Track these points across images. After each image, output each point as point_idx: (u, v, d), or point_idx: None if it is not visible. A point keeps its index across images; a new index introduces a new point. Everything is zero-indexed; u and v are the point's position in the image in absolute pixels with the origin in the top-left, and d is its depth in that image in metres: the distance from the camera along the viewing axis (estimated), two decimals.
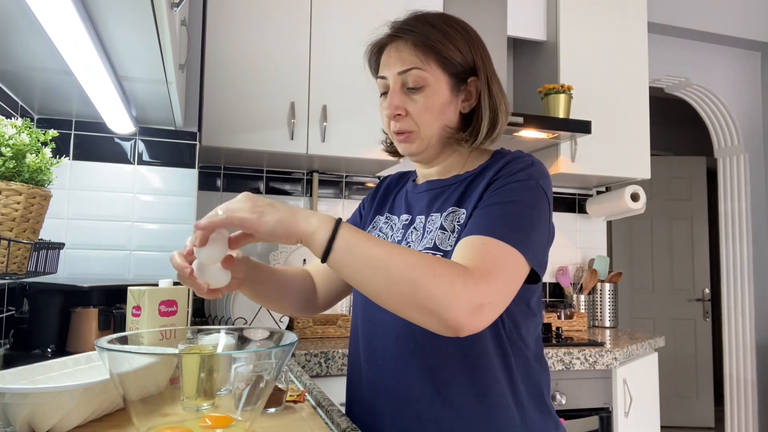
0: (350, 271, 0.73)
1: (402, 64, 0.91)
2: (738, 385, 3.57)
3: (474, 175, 0.93)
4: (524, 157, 0.91)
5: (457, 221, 0.89)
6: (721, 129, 3.73)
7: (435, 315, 0.71)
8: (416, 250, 0.77)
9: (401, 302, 0.72)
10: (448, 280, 0.71)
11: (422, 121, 0.91)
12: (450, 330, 0.72)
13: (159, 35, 1.02)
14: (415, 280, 0.71)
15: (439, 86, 0.91)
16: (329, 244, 0.72)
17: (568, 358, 1.98)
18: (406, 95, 0.91)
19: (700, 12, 3.37)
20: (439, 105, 0.91)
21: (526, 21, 2.64)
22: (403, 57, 0.91)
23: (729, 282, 3.68)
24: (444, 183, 0.97)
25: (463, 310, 0.71)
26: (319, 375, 1.76)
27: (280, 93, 2.10)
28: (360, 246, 0.73)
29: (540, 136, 2.39)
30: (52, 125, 1.70)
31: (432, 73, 0.90)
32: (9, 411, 0.71)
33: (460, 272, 0.73)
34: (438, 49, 0.90)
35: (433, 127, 0.92)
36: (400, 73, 0.91)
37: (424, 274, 0.71)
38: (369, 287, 0.73)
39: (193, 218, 1.88)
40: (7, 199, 1.01)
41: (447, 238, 0.88)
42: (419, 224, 0.95)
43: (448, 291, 0.70)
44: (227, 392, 0.74)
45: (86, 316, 1.38)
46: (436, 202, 0.95)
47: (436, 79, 0.90)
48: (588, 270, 2.80)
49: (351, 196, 2.56)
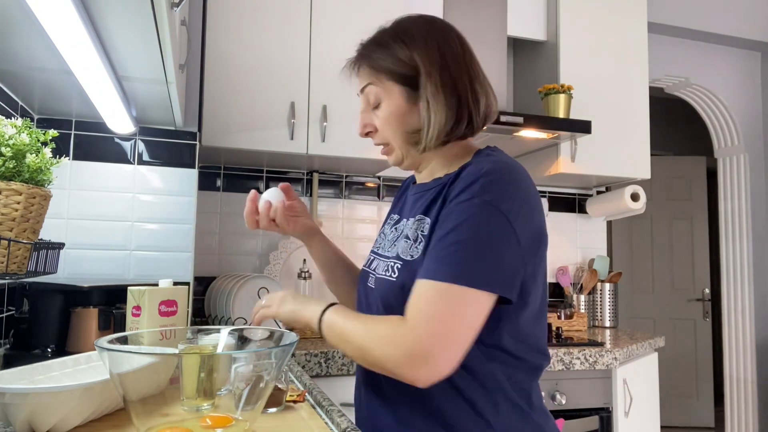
0: (333, 343, 0.88)
1: (360, 82, 0.99)
2: (738, 385, 3.57)
3: (452, 178, 0.89)
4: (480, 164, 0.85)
5: (421, 230, 0.89)
6: (721, 129, 3.73)
7: (387, 371, 0.80)
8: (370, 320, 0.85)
9: (370, 366, 0.83)
10: (382, 343, 0.79)
11: (385, 133, 0.96)
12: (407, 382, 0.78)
13: (159, 35, 1.02)
14: (365, 350, 0.81)
15: (392, 98, 0.93)
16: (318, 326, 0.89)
17: (568, 358, 1.98)
18: (372, 112, 0.97)
19: (700, 12, 3.37)
20: (396, 116, 0.94)
21: (526, 21, 2.64)
22: (361, 76, 0.98)
23: (729, 282, 3.68)
24: (425, 187, 0.97)
25: (403, 366, 0.77)
26: (319, 375, 1.76)
27: (280, 93, 2.10)
28: (335, 327, 0.87)
29: (540, 136, 2.39)
30: (52, 125, 1.70)
31: (384, 86, 0.94)
32: (9, 411, 0.71)
33: (393, 330, 0.79)
34: (382, 66, 0.94)
35: (396, 137, 0.95)
36: (361, 91, 0.98)
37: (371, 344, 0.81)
38: (347, 354, 0.87)
39: (193, 218, 1.88)
40: (7, 199, 1.01)
41: (409, 248, 0.89)
42: (400, 227, 0.98)
43: (384, 354, 0.79)
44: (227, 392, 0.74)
45: (86, 316, 1.38)
46: (415, 206, 0.97)
47: (387, 91, 0.94)
48: (588, 270, 2.80)
49: (351, 196, 2.56)
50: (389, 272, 0.91)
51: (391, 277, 0.89)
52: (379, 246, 1.03)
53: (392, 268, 0.91)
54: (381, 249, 1.01)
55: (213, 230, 2.37)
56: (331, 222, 2.51)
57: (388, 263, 0.93)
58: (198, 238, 2.02)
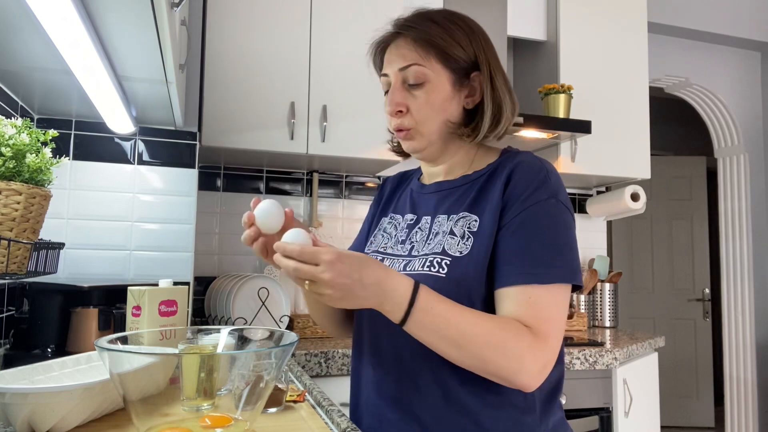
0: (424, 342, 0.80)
1: (402, 60, 0.91)
2: (738, 385, 3.57)
3: (484, 176, 0.92)
4: (536, 164, 0.89)
5: (468, 227, 0.88)
6: (721, 129, 3.73)
7: (505, 380, 0.79)
8: (486, 320, 0.79)
9: (473, 369, 0.80)
10: (518, 355, 0.77)
11: (422, 116, 0.91)
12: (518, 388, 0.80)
13: (159, 35, 1.02)
14: (487, 358, 0.77)
15: (439, 82, 0.90)
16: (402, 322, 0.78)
17: (568, 358, 1.98)
18: (407, 91, 0.91)
19: (700, 12, 3.37)
20: (439, 100, 0.91)
21: (526, 21, 2.64)
22: (404, 53, 0.91)
23: (729, 282, 3.68)
24: (452, 184, 0.96)
25: (532, 375, 0.79)
26: (319, 375, 1.76)
27: (280, 93, 2.10)
28: (432, 326, 0.78)
29: (540, 136, 2.39)
30: (52, 125, 1.70)
31: (432, 68, 0.90)
32: (9, 411, 0.71)
33: (528, 344, 0.78)
34: (438, 45, 0.90)
35: (434, 122, 0.91)
36: (400, 69, 0.91)
37: (497, 354, 0.77)
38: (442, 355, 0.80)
39: (193, 218, 1.88)
40: (7, 199, 1.01)
41: (456, 244, 0.87)
42: (425, 225, 0.94)
43: (518, 365, 0.78)
44: (227, 392, 0.74)
45: (86, 316, 1.38)
46: (443, 203, 0.94)
47: (436, 74, 0.90)
48: (588, 270, 2.80)
49: (351, 196, 2.56)
50: (434, 268, 0.87)
51: (439, 273, 0.86)
52: (385, 245, 0.99)
53: (437, 263, 0.87)
54: (389, 249, 0.97)
55: (213, 230, 2.37)
56: (331, 222, 2.51)
57: (426, 259, 0.89)
58: (198, 238, 2.02)
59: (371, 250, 1.02)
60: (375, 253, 1.00)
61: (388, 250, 0.98)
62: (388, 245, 0.99)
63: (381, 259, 0.96)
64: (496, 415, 0.85)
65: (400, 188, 1.08)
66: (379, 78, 0.98)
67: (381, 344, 0.93)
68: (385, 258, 0.96)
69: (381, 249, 0.99)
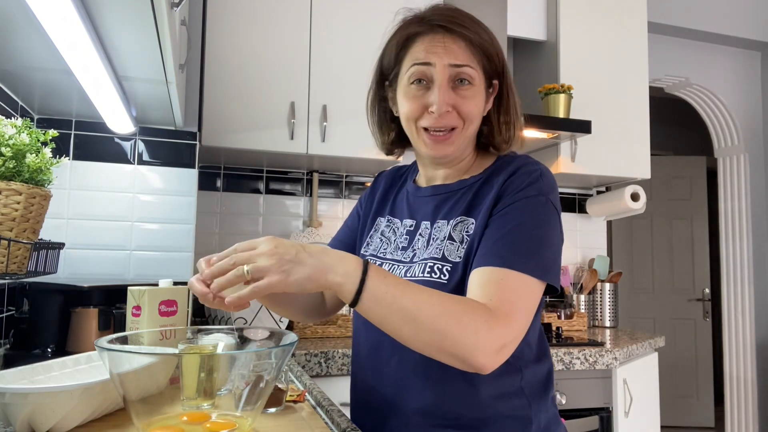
0: (377, 318, 0.74)
1: (455, 57, 0.87)
2: (738, 385, 3.57)
3: (481, 180, 0.92)
4: (531, 166, 0.89)
5: (466, 231, 0.88)
6: (721, 129, 3.73)
7: (460, 359, 0.74)
8: (443, 295, 0.76)
9: (428, 348, 0.74)
10: (474, 328, 0.73)
11: (469, 119, 0.89)
12: (474, 370, 0.75)
13: (159, 35, 1.02)
14: (442, 330, 0.72)
15: (481, 88, 0.90)
16: (357, 295, 0.72)
17: (568, 358, 1.98)
18: (454, 92, 0.88)
19: (700, 12, 3.37)
20: (481, 106, 0.91)
21: (526, 21, 2.63)
22: (457, 51, 0.87)
23: (729, 282, 3.68)
24: (449, 189, 0.95)
25: (488, 354, 0.74)
26: (319, 375, 1.76)
27: (280, 93, 2.10)
28: (388, 297, 0.72)
29: (540, 136, 2.39)
30: (52, 125, 1.70)
31: (478, 74, 0.89)
32: (9, 411, 0.71)
33: (485, 318, 0.74)
34: (488, 52, 0.90)
35: (474, 127, 0.91)
36: (453, 65, 0.87)
37: (451, 325, 0.72)
38: (396, 334, 0.75)
39: (193, 218, 1.87)
40: (7, 199, 1.01)
41: (456, 249, 0.87)
42: (425, 231, 0.94)
43: (473, 339, 0.73)
44: (227, 392, 0.74)
45: (86, 316, 1.38)
46: (442, 208, 0.94)
47: (480, 79, 0.90)
48: (588, 270, 2.80)
49: (351, 195, 2.56)
50: (435, 274, 0.86)
51: (441, 279, 0.86)
52: (384, 250, 0.97)
53: (438, 269, 0.87)
54: (389, 254, 0.96)
55: (213, 230, 2.37)
56: (331, 222, 2.51)
57: (426, 264, 0.88)
58: (198, 238, 2.02)
59: (368, 253, 1.00)
60: (373, 257, 0.98)
61: (387, 255, 0.96)
62: (387, 250, 0.97)
63: (380, 263, 0.95)
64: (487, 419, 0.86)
65: (395, 187, 1.06)
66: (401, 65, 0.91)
67: (381, 344, 0.92)
68: (384, 263, 0.95)
69: (380, 254, 0.97)
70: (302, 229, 2.46)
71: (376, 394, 0.93)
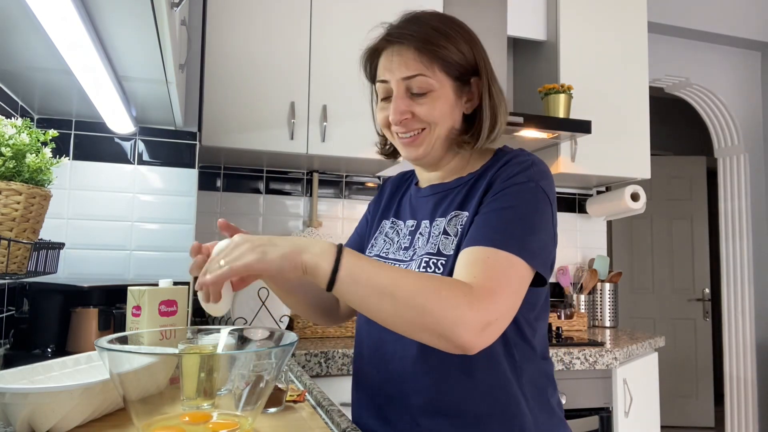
0: (356, 299, 0.73)
1: (406, 69, 0.88)
2: (738, 385, 3.57)
3: (476, 176, 0.93)
4: (524, 156, 0.90)
5: (460, 224, 0.89)
6: (721, 129, 3.73)
7: (444, 337, 0.72)
8: (421, 273, 0.76)
9: (410, 327, 0.73)
10: (454, 303, 0.71)
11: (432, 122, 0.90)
12: (459, 350, 0.73)
13: (159, 35, 1.02)
14: (421, 305, 0.71)
15: (443, 91, 0.90)
16: (333, 274, 0.72)
17: (568, 358, 1.98)
18: (411, 99, 0.90)
19: (700, 12, 3.37)
20: (446, 109, 0.90)
21: (526, 21, 2.63)
22: (407, 63, 0.88)
23: (729, 282, 3.68)
24: (447, 186, 0.96)
25: (471, 331, 0.71)
26: (319, 375, 1.76)
27: (280, 93, 2.10)
28: (364, 275, 0.72)
29: (540, 136, 2.39)
30: (52, 125, 1.70)
31: (437, 78, 0.89)
32: (9, 411, 0.71)
33: (465, 293, 0.73)
34: (441, 54, 0.88)
35: (443, 130, 0.91)
36: (404, 78, 0.89)
37: (430, 299, 0.71)
38: (376, 314, 0.74)
39: (193, 218, 1.87)
40: (7, 199, 1.01)
41: (450, 243, 0.88)
42: (425, 230, 0.95)
43: (454, 314, 0.71)
44: (227, 392, 0.74)
45: (86, 316, 1.38)
46: (440, 206, 0.95)
47: (440, 84, 0.89)
48: (588, 270, 2.80)
49: (351, 196, 2.56)
50: (430, 268, 0.87)
51: (436, 273, 0.87)
52: (387, 250, 0.99)
53: (433, 264, 0.88)
54: (391, 253, 0.98)
55: (213, 230, 2.37)
56: (331, 222, 2.51)
57: (422, 259, 0.89)
58: (198, 238, 2.02)
59: (373, 254, 1.02)
60: (377, 257, 0.99)
61: (390, 255, 0.98)
62: (390, 250, 0.99)
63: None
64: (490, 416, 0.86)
65: (400, 190, 1.08)
66: (373, 84, 0.96)
67: (382, 344, 0.93)
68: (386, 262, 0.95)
69: (383, 254, 0.99)
70: (302, 229, 2.46)
71: (378, 390, 0.94)
